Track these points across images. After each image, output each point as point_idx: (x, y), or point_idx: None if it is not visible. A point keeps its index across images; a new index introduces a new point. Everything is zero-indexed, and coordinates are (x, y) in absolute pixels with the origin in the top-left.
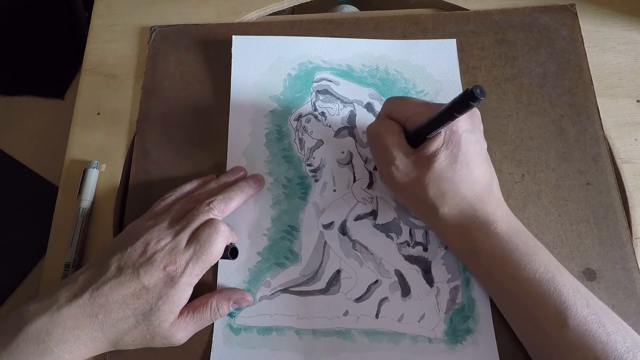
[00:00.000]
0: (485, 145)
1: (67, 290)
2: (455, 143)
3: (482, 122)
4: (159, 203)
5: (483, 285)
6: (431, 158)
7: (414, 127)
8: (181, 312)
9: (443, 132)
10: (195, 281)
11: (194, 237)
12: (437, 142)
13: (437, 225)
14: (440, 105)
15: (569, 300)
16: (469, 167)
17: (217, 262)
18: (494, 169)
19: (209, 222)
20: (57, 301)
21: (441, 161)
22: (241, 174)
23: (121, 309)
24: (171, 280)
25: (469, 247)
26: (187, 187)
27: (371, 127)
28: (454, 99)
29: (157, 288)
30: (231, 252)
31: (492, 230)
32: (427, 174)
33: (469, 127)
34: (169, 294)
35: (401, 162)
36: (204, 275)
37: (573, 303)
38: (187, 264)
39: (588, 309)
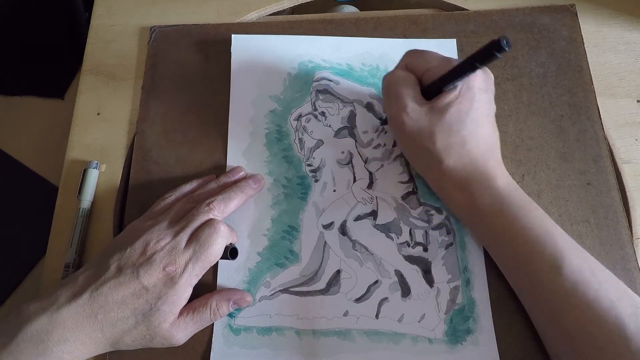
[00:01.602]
0: (494, 109)
1: (67, 290)
2: (468, 99)
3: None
4: (158, 203)
5: (479, 239)
6: (443, 110)
7: (432, 79)
8: (181, 313)
9: (459, 85)
10: (195, 281)
11: (193, 237)
12: (452, 95)
13: (439, 179)
14: (461, 60)
15: (564, 250)
16: (477, 124)
17: (217, 262)
18: (498, 134)
19: (209, 222)
20: (56, 301)
21: (452, 114)
22: (241, 174)
23: (121, 309)
24: (171, 281)
25: (469, 201)
26: (187, 187)
27: (387, 76)
28: (479, 48)
29: (157, 288)
30: (231, 253)
31: (492, 185)
32: (437, 125)
33: (483, 86)
34: (169, 294)
35: (413, 111)
36: (203, 276)
37: (568, 252)
38: (187, 264)
39: (582, 259)
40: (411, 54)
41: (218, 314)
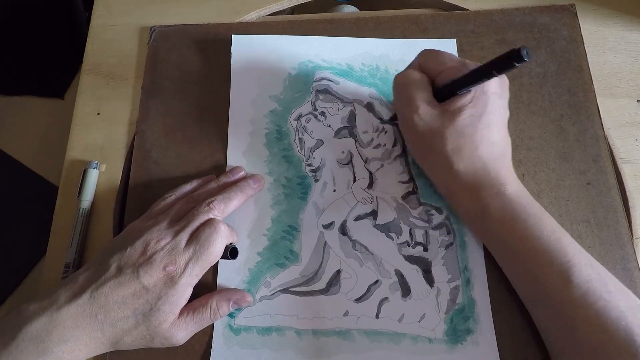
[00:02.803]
0: (508, 114)
1: (67, 290)
2: (482, 103)
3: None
4: (158, 203)
5: (488, 246)
6: (456, 112)
7: (446, 81)
8: (181, 313)
9: (473, 89)
10: (195, 281)
11: (193, 237)
12: (466, 98)
13: (449, 183)
14: (477, 64)
15: (574, 259)
16: (490, 129)
17: (217, 262)
18: (510, 140)
19: (209, 222)
20: (56, 301)
21: (465, 117)
22: (241, 174)
23: (121, 309)
24: (171, 281)
25: (478, 207)
26: (187, 187)
27: (399, 76)
28: (498, 56)
29: (157, 288)
30: (231, 252)
31: (502, 191)
32: (449, 127)
33: (498, 92)
34: (169, 294)
35: (425, 112)
36: (204, 275)
37: (577, 262)
38: (187, 264)
39: (592, 268)
40: (426, 54)
41: (218, 314)
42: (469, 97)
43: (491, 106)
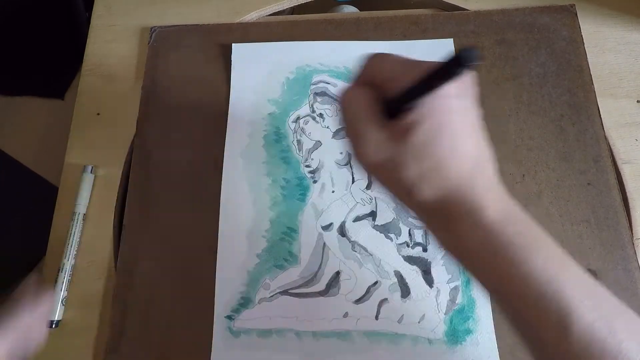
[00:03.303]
0: (477, 113)
1: None
2: (439, 112)
3: (482, 122)
4: None
5: (478, 285)
6: (409, 131)
7: (396, 91)
8: None
9: (424, 100)
10: None
11: None
12: (416, 112)
13: (418, 215)
14: (433, 63)
15: (573, 303)
16: (454, 140)
17: (216, 259)
18: (487, 142)
19: None
20: None
21: (420, 134)
22: None
23: None
24: None
25: (455, 242)
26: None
27: (341, 96)
28: (438, 64)
29: None
30: None
31: (481, 220)
32: (403, 151)
33: (456, 92)
34: None
35: (373, 138)
36: (204, 276)
37: (577, 306)
38: None
39: (596, 312)
40: (370, 61)
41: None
42: (421, 109)
43: (451, 112)
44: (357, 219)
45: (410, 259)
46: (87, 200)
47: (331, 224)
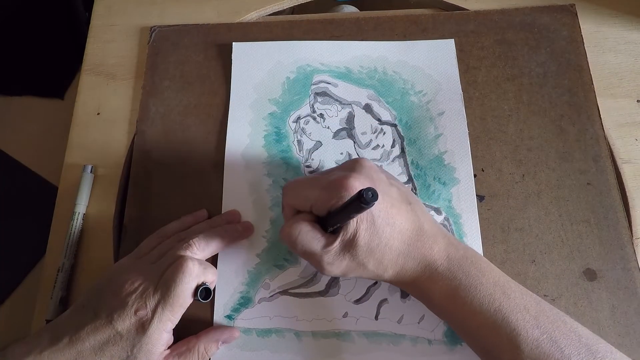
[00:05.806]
0: (397, 184)
1: (50, 333)
2: (368, 212)
3: (482, 122)
4: (147, 240)
5: (452, 327)
6: (353, 239)
7: (321, 211)
8: (166, 358)
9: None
10: (168, 326)
11: (163, 278)
12: (352, 223)
13: (392, 284)
14: (326, 172)
15: (519, 326)
16: (391, 224)
17: (217, 266)
18: (416, 201)
19: (177, 261)
20: (40, 344)
21: (363, 236)
22: (233, 217)
23: (98, 355)
24: (142, 327)
25: (426, 299)
26: (176, 225)
27: (282, 234)
28: (348, 200)
29: (131, 334)
30: (202, 293)
31: (434, 273)
32: (357, 255)
33: (369, 185)
34: (142, 342)
35: (329, 257)
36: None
37: (522, 327)
38: (157, 307)
39: (539, 329)
40: (287, 194)
41: (207, 357)
42: (354, 221)
43: (376, 208)
44: None
45: None
46: (87, 200)
47: None
